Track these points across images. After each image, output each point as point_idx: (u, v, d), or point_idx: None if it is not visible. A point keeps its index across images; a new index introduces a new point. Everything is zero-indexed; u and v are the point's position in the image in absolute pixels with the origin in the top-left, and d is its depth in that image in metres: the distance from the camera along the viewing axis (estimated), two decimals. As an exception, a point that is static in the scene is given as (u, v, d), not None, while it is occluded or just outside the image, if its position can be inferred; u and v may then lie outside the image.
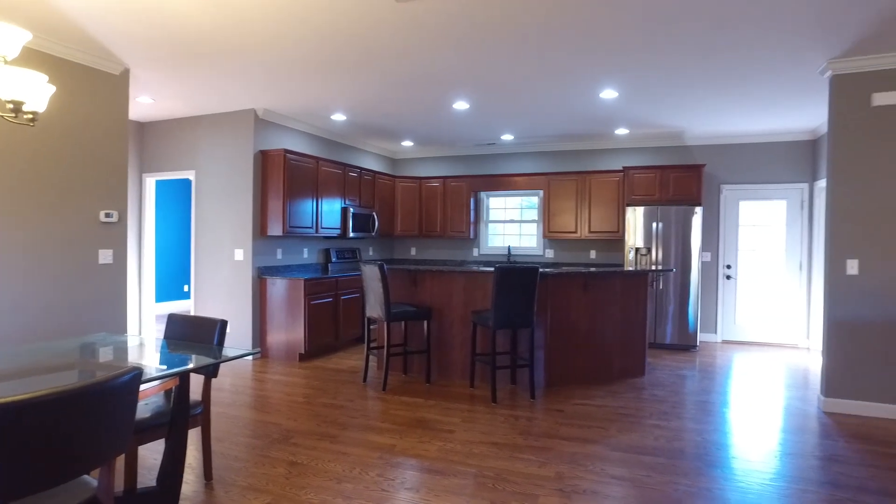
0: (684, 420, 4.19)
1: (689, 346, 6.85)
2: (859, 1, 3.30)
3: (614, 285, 5.40)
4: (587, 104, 5.76)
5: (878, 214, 4.35)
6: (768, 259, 7.28)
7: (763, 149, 7.22)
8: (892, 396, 4.33)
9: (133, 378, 1.62)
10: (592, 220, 7.54)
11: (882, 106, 4.31)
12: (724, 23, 3.64)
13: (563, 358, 5.19)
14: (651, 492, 2.99)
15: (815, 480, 3.18)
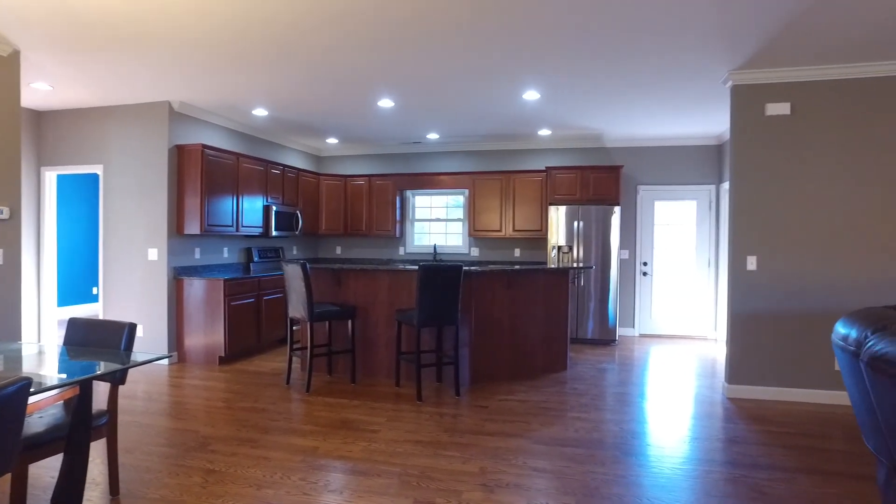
0: (603, 412, 4.36)
1: (609, 341, 7.15)
2: (753, 20, 3.55)
3: (537, 283, 5.54)
4: (510, 105, 5.88)
5: (774, 215, 4.70)
6: (681, 256, 7.71)
7: (675, 152, 7.64)
8: (784, 381, 4.70)
9: (19, 389, 1.49)
10: (517, 218, 7.71)
11: (774, 115, 4.67)
12: (636, 32, 3.81)
13: (488, 355, 5.28)
14: (570, 481, 3.09)
15: (717, 461, 3.40)
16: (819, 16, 3.53)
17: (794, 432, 3.92)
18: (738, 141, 4.76)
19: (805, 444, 3.69)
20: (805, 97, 4.64)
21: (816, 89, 4.62)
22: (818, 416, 4.31)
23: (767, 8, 3.43)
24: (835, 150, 4.61)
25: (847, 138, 4.59)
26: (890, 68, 4.45)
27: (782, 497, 2.94)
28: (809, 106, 4.63)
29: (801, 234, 4.67)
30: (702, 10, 3.48)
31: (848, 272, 4.60)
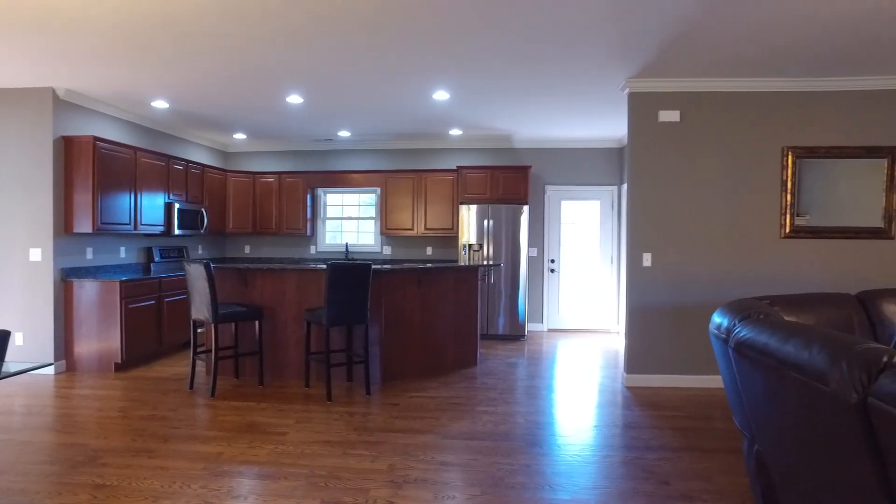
0: (511, 405, 4.51)
1: (519, 336, 7.38)
2: (645, 34, 3.80)
3: (447, 280, 5.63)
4: (421, 105, 5.93)
5: (666, 214, 5.05)
6: (586, 254, 8.08)
7: (581, 154, 8.00)
8: (675, 368, 5.06)
9: None
10: (428, 217, 7.79)
11: (665, 122, 5.01)
12: (541, 39, 3.96)
13: (399, 352, 5.30)
14: (477, 473, 3.18)
15: (615, 446, 3.62)
16: (704, 35, 3.83)
17: (681, 415, 4.24)
18: (634, 145, 5.07)
19: (690, 426, 4.00)
20: (693, 106, 5.01)
21: (703, 99, 5.01)
22: (703, 399, 4.68)
23: (657, 25, 3.68)
24: (718, 156, 5.02)
25: (729, 145, 5.01)
26: (763, 84, 4.91)
27: (668, 474, 3.17)
28: (697, 114, 5.01)
29: (690, 232, 5.04)
30: (599, 22, 3.67)
31: (730, 267, 5.02)
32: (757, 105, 4.99)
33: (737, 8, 3.47)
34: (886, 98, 4.93)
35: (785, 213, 5.01)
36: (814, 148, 4.98)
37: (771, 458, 2.24)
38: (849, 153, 4.96)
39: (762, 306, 2.48)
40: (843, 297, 3.41)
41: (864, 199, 4.99)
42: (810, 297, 3.38)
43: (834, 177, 4.99)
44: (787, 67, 4.60)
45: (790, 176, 4.99)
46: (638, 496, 2.92)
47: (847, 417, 1.51)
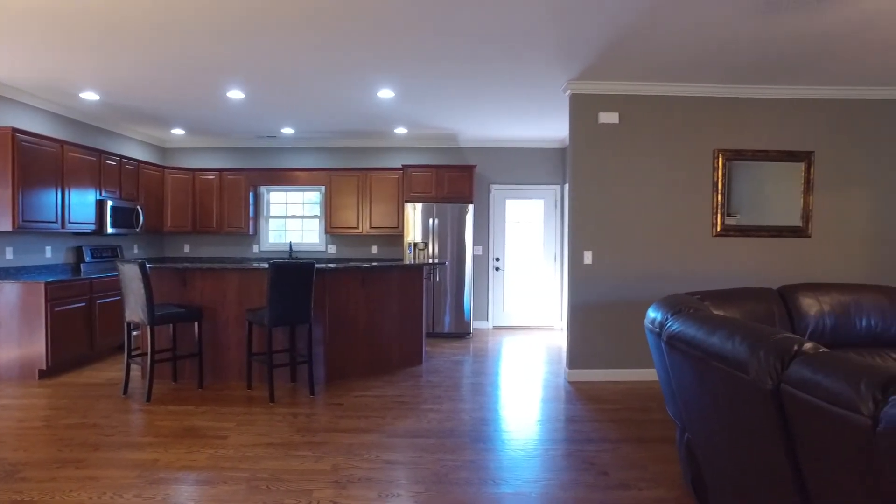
0: (456, 402, 4.54)
1: (465, 334, 7.44)
2: (585, 38, 3.90)
3: (392, 279, 5.62)
4: (366, 102, 5.89)
5: (606, 214, 5.20)
6: (530, 252, 8.23)
7: (525, 153, 8.13)
8: (615, 363, 5.23)
9: None
10: (374, 216, 7.75)
11: (605, 124, 5.17)
12: (485, 39, 4.01)
13: (343, 352, 5.26)
14: (421, 471, 3.19)
15: (557, 439, 3.71)
16: (640, 41, 3.97)
17: (620, 408, 4.39)
18: (575, 145, 5.20)
19: (629, 418, 4.15)
20: (631, 108, 5.19)
21: (640, 102, 5.19)
22: (641, 391, 4.86)
23: (596, 30, 3.79)
24: (655, 157, 5.21)
25: (665, 147, 5.21)
26: (696, 89, 5.13)
27: (606, 464, 3.28)
28: (634, 116, 5.19)
29: (628, 230, 5.22)
30: (542, 25, 3.75)
31: (666, 264, 5.23)
32: (690, 109, 5.21)
33: (669, 17, 3.62)
34: (804, 106, 5.26)
35: (716, 212, 5.26)
36: (741, 151, 5.25)
37: (699, 445, 2.35)
38: (772, 157, 5.26)
39: (693, 301, 2.60)
40: (766, 291, 3.61)
41: (785, 200, 5.30)
42: (737, 292, 3.56)
43: (760, 178, 5.28)
44: (717, 74, 4.83)
45: (721, 177, 5.24)
46: (578, 487, 3.01)
47: (764, 403, 1.61)
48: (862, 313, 3.52)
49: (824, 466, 1.43)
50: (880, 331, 3.47)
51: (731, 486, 2.10)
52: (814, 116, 5.27)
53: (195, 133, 7.68)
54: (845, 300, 3.56)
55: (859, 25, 3.73)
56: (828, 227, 5.31)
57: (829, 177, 5.30)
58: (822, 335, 3.51)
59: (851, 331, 3.52)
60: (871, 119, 5.30)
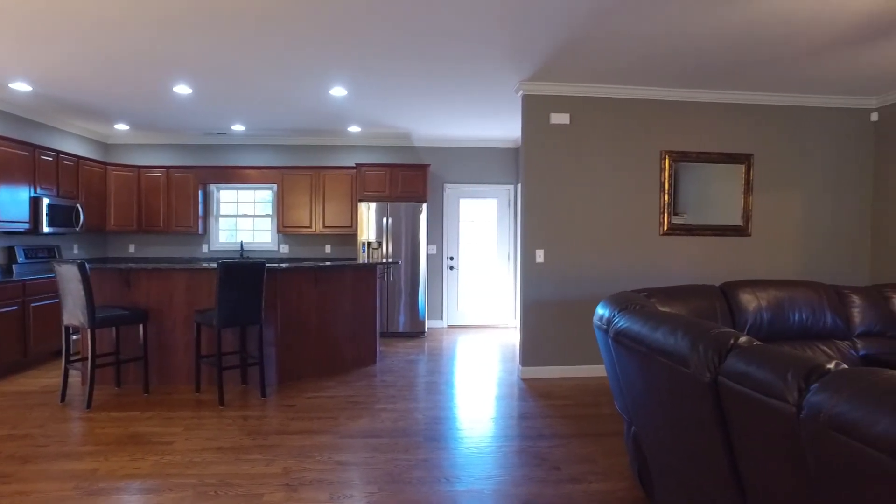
0: (410, 401, 4.54)
1: (419, 333, 7.44)
2: (537, 38, 3.96)
3: (345, 278, 5.57)
4: (318, 100, 5.81)
5: (558, 213, 5.30)
6: (484, 251, 8.30)
7: (479, 153, 8.19)
8: (567, 360, 5.33)
9: None
10: (327, 215, 7.66)
11: (556, 124, 5.26)
12: (438, 39, 4.02)
13: (296, 352, 5.18)
14: (374, 471, 3.17)
15: (510, 436, 3.75)
16: (590, 44, 4.06)
17: (572, 404, 4.48)
18: (527, 145, 5.27)
19: (580, 413, 4.24)
20: (582, 110, 5.29)
21: (591, 104, 5.30)
22: (592, 387, 4.97)
23: (547, 33, 3.85)
24: (605, 158, 5.34)
25: (614, 148, 5.34)
26: (644, 92, 5.28)
27: (558, 459, 3.34)
28: (585, 117, 5.30)
29: (580, 229, 5.32)
30: (494, 26, 3.79)
31: (616, 262, 5.36)
32: (638, 111, 5.36)
33: (617, 23, 3.71)
34: (743, 111, 5.49)
35: (663, 212, 5.43)
36: (686, 153, 5.44)
37: (645, 437, 2.43)
38: (714, 158, 5.47)
39: (639, 298, 2.68)
40: (709, 288, 3.75)
41: (727, 201, 5.52)
42: (682, 289, 3.69)
43: (705, 179, 5.48)
44: (663, 78, 4.98)
45: (667, 178, 5.41)
46: (530, 482, 3.05)
47: (702, 395, 1.67)
48: (795, 308, 3.70)
49: (756, 454, 1.50)
50: (811, 324, 3.65)
51: (674, 476, 2.17)
52: (753, 121, 5.51)
53: (140, 129, 7.41)
54: (780, 296, 3.74)
55: (787, 34, 3.92)
56: (766, 226, 5.56)
57: (767, 178, 5.55)
58: (759, 329, 3.67)
59: (786, 324, 3.69)
60: (804, 124, 5.58)
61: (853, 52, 4.26)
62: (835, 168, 5.65)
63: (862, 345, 3.70)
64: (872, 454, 1.02)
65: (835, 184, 5.65)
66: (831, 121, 5.63)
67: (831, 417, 1.16)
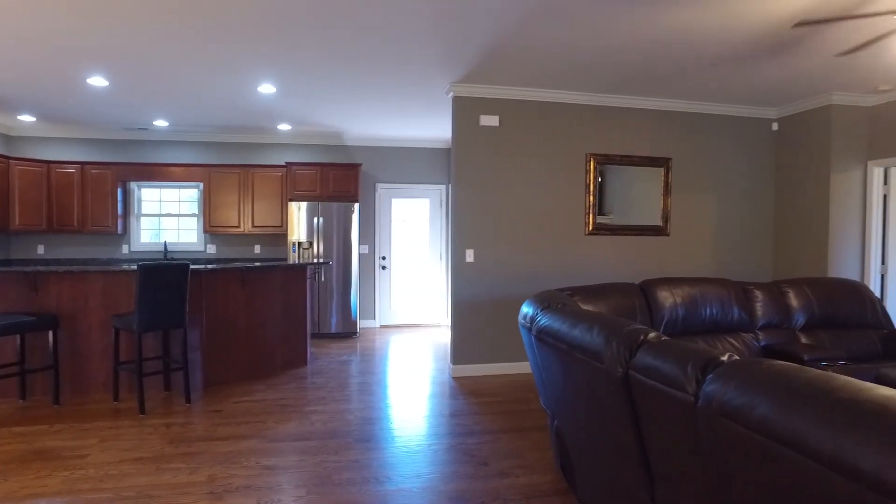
0: (341, 402, 4.51)
1: (351, 334, 7.39)
2: (467, 41, 4.03)
3: (274, 279, 5.45)
4: (246, 97, 5.65)
5: (487, 213, 5.40)
6: (416, 250, 8.33)
7: (411, 153, 8.21)
8: (496, 357, 5.45)
9: None
10: (256, 214, 7.47)
11: (486, 126, 5.36)
12: (368, 37, 4.01)
13: (223, 356, 5.03)
14: (304, 474, 3.14)
15: (440, 434, 3.80)
16: (518, 50, 4.17)
17: (501, 400, 4.58)
18: (458, 146, 5.34)
19: (508, 409, 4.34)
20: (511, 112, 5.42)
21: (520, 107, 5.43)
22: (521, 384, 5.10)
23: (477, 36, 3.92)
24: (534, 160, 5.49)
25: (543, 150, 5.50)
26: (570, 96, 5.47)
27: (486, 455, 3.42)
28: (514, 120, 5.43)
29: (509, 229, 5.45)
30: (425, 28, 3.82)
31: (543, 261, 5.52)
32: (566, 115, 5.54)
33: (544, 30, 3.83)
34: (662, 117, 5.79)
35: (588, 212, 5.64)
36: (610, 156, 5.67)
37: (567, 431, 2.53)
38: (636, 162, 5.73)
39: (562, 296, 2.79)
40: (629, 286, 3.94)
41: (649, 202, 5.80)
42: (604, 287, 3.85)
43: (628, 181, 5.73)
44: (589, 84, 5.18)
45: (592, 180, 5.62)
46: (459, 479, 3.11)
47: (615, 389, 1.77)
48: (707, 304, 3.95)
49: (662, 442, 1.60)
50: (720, 318, 3.91)
51: (593, 467, 2.28)
52: (671, 127, 5.82)
53: (49, 121, 6.96)
54: (694, 293, 3.98)
55: (690, 48, 4.17)
56: (683, 226, 5.89)
57: (684, 181, 5.87)
58: (675, 324, 3.89)
59: (699, 319, 3.93)
60: (715, 132, 5.95)
61: (750, 66, 4.58)
62: (743, 173, 6.05)
63: (763, 336, 4.00)
64: (753, 436, 1.13)
65: (743, 188, 6.06)
66: (739, 129, 6.02)
67: (721, 405, 1.26)
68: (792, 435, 1.04)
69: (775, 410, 1.10)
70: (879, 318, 4.22)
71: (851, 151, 5.55)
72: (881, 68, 4.65)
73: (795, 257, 5.89)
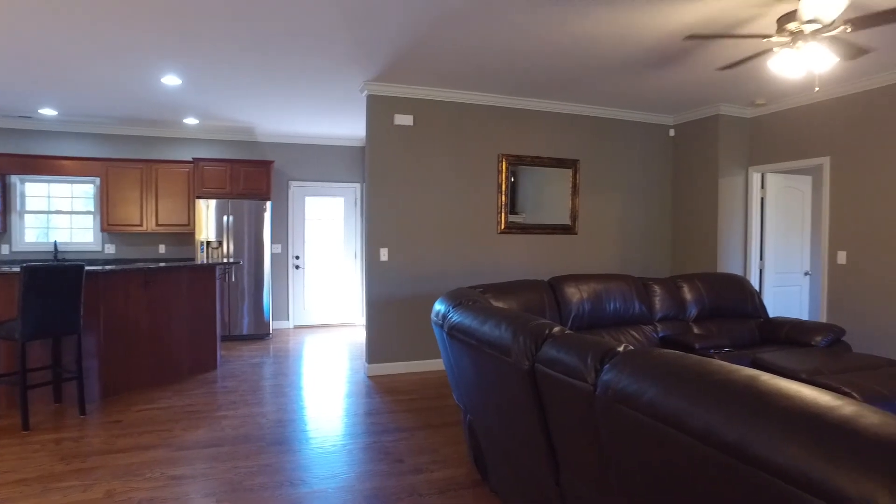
0: (253, 406, 4.38)
1: (264, 335, 7.18)
2: (379, 40, 4.03)
3: (180, 280, 5.20)
4: (148, 88, 5.34)
5: (401, 212, 5.43)
6: (331, 249, 8.22)
7: (326, 150, 8.08)
8: (411, 355, 5.50)
9: None
10: (160, 212, 7.07)
11: (400, 125, 5.39)
12: (279, 31, 3.91)
13: (123, 363, 4.73)
14: (213, 482, 3.03)
15: (355, 433, 3.79)
16: (430, 51, 4.21)
17: (416, 398, 4.63)
18: (372, 145, 5.33)
19: (424, 406, 4.40)
20: (425, 112, 5.47)
21: (434, 107, 5.49)
22: (435, 380, 5.17)
23: (388, 36, 3.93)
24: (448, 159, 5.57)
25: (456, 150, 5.60)
26: (483, 98, 5.60)
27: (402, 452, 3.45)
28: (429, 120, 5.48)
29: (423, 228, 5.50)
30: (336, 25, 3.78)
31: (457, 260, 5.63)
32: (479, 116, 5.67)
33: (455, 33, 3.90)
34: (571, 120, 6.06)
35: (501, 211, 5.80)
36: (522, 157, 5.86)
37: (479, 425, 2.61)
38: (546, 163, 5.97)
39: (473, 294, 2.86)
40: (539, 283, 4.10)
41: (558, 202, 6.05)
42: (515, 284, 3.99)
43: (539, 182, 5.95)
44: (501, 86, 5.32)
45: (504, 180, 5.79)
46: (375, 477, 3.12)
47: (523, 382, 1.85)
48: (611, 298, 4.19)
49: (566, 430, 1.70)
50: (623, 312, 4.16)
51: (504, 458, 2.37)
52: (578, 129, 6.10)
53: (-85, 108, 6.24)
54: (599, 288, 4.21)
55: (589, 56, 4.42)
56: (590, 225, 6.19)
57: (590, 182, 6.18)
58: (582, 318, 4.10)
59: (604, 313, 4.16)
60: (619, 135, 6.31)
61: (650, 75, 4.90)
62: (644, 175, 6.45)
63: (661, 328, 4.30)
64: (643, 419, 1.23)
65: (644, 189, 6.46)
66: (640, 134, 6.42)
67: (616, 392, 1.36)
68: (673, 415, 1.14)
69: (660, 394, 1.21)
70: (758, 308, 4.65)
71: (735, 158, 6.06)
72: (758, 84, 5.12)
73: (690, 253, 6.36)
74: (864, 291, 5.03)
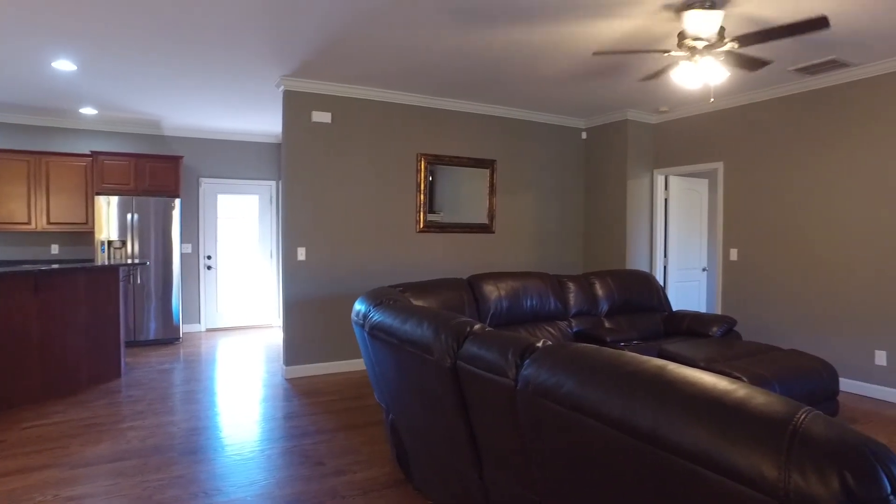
0: (162, 415, 4.15)
1: (174, 339, 6.81)
2: (297, 35, 3.93)
3: (78, 283, 4.83)
4: (36, 73, 4.91)
5: (319, 210, 5.33)
6: (245, 249, 7.92)
7: (240, 147, 7.78)
8: (330, 356, 5.42)
9: None
10: (53, 209, 6.52)
11: (318, 122, 5.29)
12: (188, 18, 3.72)
13: (8, 376, 4.32)
14: (119, 499, 2.85)
15: (274, 438, 3.68)
16: (348, 49, 4.16)
17: (336, 399, 4.57)
18: (288, 142, 5.19)
19: (344, 407, 4.35)
20: (344, 110, 5.39)
21: (353, 105, 5.43)
22: (356, 381, 5.12)
23: (307, 31, 3.84)
24: (367, 158, 5.52)
25: (375, 149, 5.56)
26: (403, 97, 5.60)
27: (323, 455, 3.39)
28: (347, 118, 5.41)
29: (341, 227, 5.43)
30: (251, 15, 3.64)
31: (376, 259, 5.59)
32: (398, 114, 5.66)
33: (375, 32, 3.88)
34: (489, 121, 6.18)
35: (419, 210, 5.83)
36: (440, 156, 5.92)
37: (401, 423, 2.61)
38: (465, 163, 6.06)
39: (394, 293, 2.86)
40: (458, 281, 4.16)
41: (476, 201, 6.16)
42: (434, 283, 4.03)
43: (457, 181, 6.03)
44: (421, 86, 5.34)
45: (423, 179, 5.82)
46: (295, 482, 3.05)
47: (445, 379, 1.88)
48: (528, 295, 4.32)
49: (488, 424, 1.75)
50: (539, 308, 4.31)
51: (427, 455, 2.39)
52: (496, 131, 6.24)
53: None
54: (516, 286, 4.33)
55: (510, 61, 4.55)
56: (507, 224, 6.35)
57: (507, 182, 6.34)
58: (500, 315, 4.20)
59: (521, 310, 4.29)
60: (534, 137, 6.51)
61: (568, 83, 5.11)
62: (559, 176, 6.70)
63: (575, 323, 4.49)
64: (561, 410, 1.29)
65: (559, 189, 6.71)
66: (555, 136, 6.66)
67: (536, 386, 1.41)
68: (591, 405, 1.21)
69: (578, 386, 1.27)
70: (662, 302, 4.96)
71: (642, 161, 6.43)
72: (664, 92, 5.46)
73: (601, 251, 6.67)
74: (752, 285, 5.49)
